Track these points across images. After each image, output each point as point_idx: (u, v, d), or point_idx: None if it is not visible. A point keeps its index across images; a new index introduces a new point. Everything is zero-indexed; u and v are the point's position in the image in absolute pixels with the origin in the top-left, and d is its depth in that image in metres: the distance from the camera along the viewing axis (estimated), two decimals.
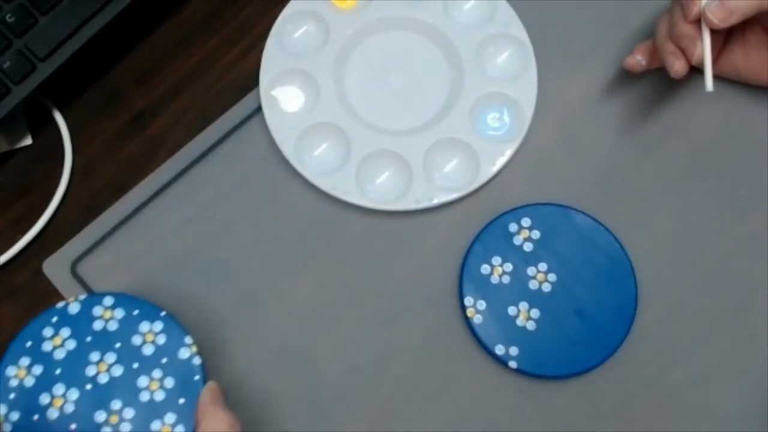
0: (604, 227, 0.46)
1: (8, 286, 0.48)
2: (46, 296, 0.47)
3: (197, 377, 0.41)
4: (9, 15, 0.47)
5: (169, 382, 0.41)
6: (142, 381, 0.41)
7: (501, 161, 0.47)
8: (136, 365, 0.41)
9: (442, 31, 0.50)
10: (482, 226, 0.46)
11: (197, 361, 0.41)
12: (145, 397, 0.41)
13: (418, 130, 0.48)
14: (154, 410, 0.40)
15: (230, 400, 0.45)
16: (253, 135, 0.49)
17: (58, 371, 0.41)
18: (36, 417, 0.40)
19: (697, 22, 0.42)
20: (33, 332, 0.42)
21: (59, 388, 0.41)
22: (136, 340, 0.41)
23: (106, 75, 0.52)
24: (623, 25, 0.50)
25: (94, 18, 0.48)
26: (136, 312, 0.42)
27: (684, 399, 0.44)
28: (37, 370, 0.41)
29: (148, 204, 0.48)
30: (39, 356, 0.41)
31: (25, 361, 0.41)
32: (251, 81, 0.50)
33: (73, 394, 0.41)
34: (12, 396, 0.41)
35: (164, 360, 0.41)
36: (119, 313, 0.42)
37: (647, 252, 0.46)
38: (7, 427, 0.40)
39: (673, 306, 0.46)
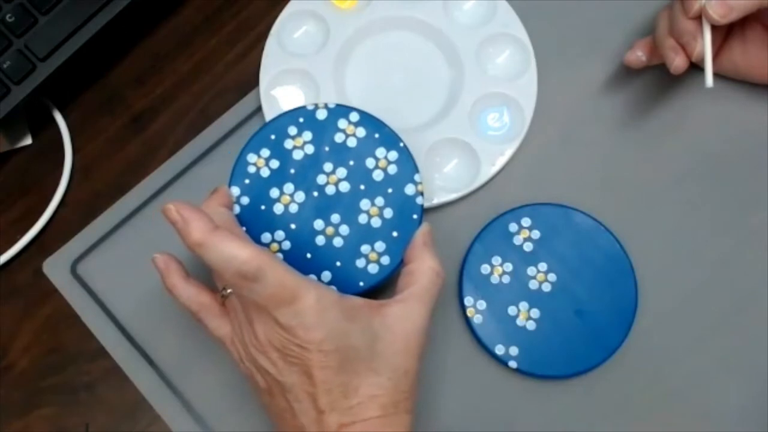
0: (604, 227, 0.46)
1: (8, 286, 0.48)
2: (46, 296, 0.47)
3: (415, 216, 0.42)
4: (9, 15, 0.47)
5: (388, 213, 0.42)
6: (364, 204, 0.42)
7: (501, 161, 0.47)
8: (362, 187, 0.42)
9: (442, 31, 0.50)
10: (482, 226, 0.46)
11: (420, 201, 0.42)
12: (362, 219, 0.42)
13: (418, 130, 0.48)
14: (367, 234, 0.41)
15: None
16: None
17: (291, 171, 0.42)
18: (263, 207, 0.42)
19: (698, 18, 0.42)
20: (279, 127, 0.43)
21: (289, 187, 0.42)
22: (370, 163, 0.42)
23: (106, 75, 0.52)
24: (623, 25, 0.50)
25: (94, 18, 0.48)
26: (377, 135, 0.43)
27: (684, 399, 0.44)
28: (274, 164, 0.42)
29: (148, 204, 0.48)
30: (279, 151, 0.42)
31: (265, 152, 0.42)
32: (251, 81, 0.50)
33: (300, 197, 0.42)
34: (246, 181, 0.42)
35: (390, 190, 0.42)
36: (361, 131, 0.43)
37: (647, 252, 0.46)
38: (236, 209, 0.42)
39: (673, 306, 0.46)
